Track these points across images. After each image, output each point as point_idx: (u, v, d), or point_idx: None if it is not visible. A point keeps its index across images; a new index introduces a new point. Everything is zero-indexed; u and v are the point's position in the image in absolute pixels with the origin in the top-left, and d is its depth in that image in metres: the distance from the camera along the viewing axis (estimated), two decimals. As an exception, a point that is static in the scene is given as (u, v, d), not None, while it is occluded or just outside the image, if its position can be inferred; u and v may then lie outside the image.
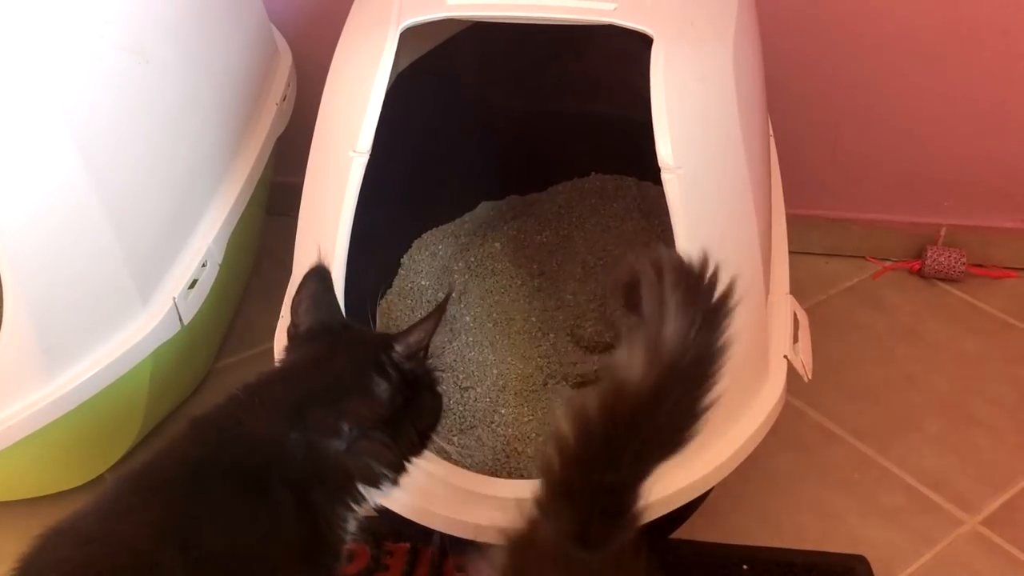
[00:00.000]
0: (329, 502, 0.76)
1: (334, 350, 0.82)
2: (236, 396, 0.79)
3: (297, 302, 0.85)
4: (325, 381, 0.79)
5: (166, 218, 1.16)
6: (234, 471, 0.73)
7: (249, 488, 0.72)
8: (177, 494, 0.71)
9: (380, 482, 0.80)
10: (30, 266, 1.00)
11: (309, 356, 0.82)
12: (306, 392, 0.78)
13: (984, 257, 1.55)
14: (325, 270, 0.87)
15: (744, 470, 1.00)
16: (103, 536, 0.69)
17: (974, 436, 1.27)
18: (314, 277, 0.86)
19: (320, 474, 0.76)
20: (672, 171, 0.88)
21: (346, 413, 0.78)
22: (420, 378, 0.83)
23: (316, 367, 0.81)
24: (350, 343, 0.83)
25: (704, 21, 0.97)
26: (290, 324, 0.86)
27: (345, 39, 1.02)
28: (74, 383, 1.05)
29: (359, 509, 0.79)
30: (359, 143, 0.93)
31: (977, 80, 1.44)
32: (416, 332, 0.82)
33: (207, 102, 1.24)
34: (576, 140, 1.44)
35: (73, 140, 1.01)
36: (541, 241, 1.39)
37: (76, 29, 1.04)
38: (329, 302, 0.87)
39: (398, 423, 0.80)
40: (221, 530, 0.70)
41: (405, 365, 0.81)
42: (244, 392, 0.79)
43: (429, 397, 0.85)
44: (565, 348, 1.22)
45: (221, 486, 0.72)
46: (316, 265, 0.87)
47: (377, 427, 0.79)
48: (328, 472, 0.76)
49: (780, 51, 1.36)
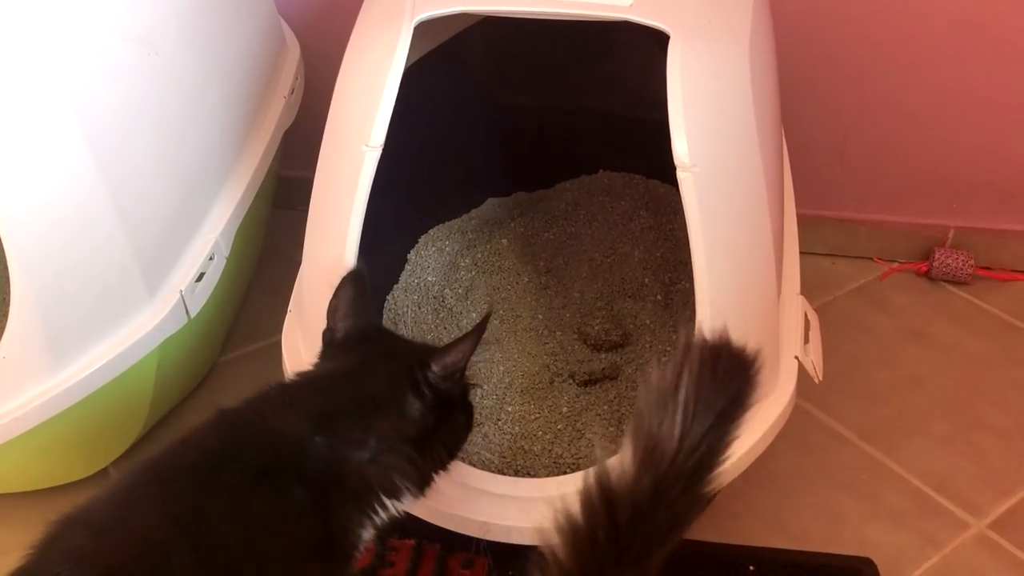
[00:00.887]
0: (345, 508, 0.76)
1: (371, 362, 0.81)
2: (267, 393, 0.79)
3: (334, 307, 0.85)
4: (358, 393, 0.79)
5: (173, 211, 1.15)
6: (252, 465, 0.72)
7: (265, 484, 0.72)
8: (191, 485, 0.71)
9: (402, 495, 0.79)
10: (37, 258, 1.00)
11: (345, 365, 0.82)
12: (338, 401, 0.78)
13: (992, 260, 1.54)
14: (362, 274, 0.87)
15: (751, 471, 0.99)
16: (115, 525, 0.69)
17: (981, 439, 1.27)
18: (351, 281, 0.85)
19: (340, 480, 0.75)
20: (688, 169, 0.88)
21: (375, 427, 0.77)
22: (454, 398, 0.83)
23: (351, 378, 0.81)
24: (387, 356, 0.83)
25: (720, 19, 0.97)
26: (326, 329, 0.85)
27: (358, 33, 1.01)
28: (80, 375, 1.04)
29: (377, 518, 0.78)
30: (372, 137, 0.92)
31: (986, 82, 1.44)
32: (454, 352, 0.81)
33: (215, 94, 1.24)
34: (584, 137, 1.43)
35: (81, 131, 1.01)
36: (548, 238, 1.38)
37: (86, 19, 1.03)
38: (365, 307, 0.86)
39: (427, 440, 0.80)
40: (234, 523, 0.70)
41: (441, 385, 0.81)
42: (276, 390, 0.79)
43: (461, 416, 0.85)
44: (572, 346, 1.22)
45: (237, 479, 0.72)
46: (353, 269, 0.87)
47: (405, 443, 0.78)
48: (348, 479, 0.76)
49: (789, 50, 1.36)
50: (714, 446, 0.64)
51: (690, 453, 0.63)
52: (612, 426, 1.10)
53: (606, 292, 1.29)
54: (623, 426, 1.10)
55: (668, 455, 0.63)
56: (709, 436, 0.64)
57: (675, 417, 0.63)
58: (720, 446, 0.65)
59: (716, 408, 0.64)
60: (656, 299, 1.26)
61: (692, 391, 0.64)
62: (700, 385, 0.64)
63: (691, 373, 0.64)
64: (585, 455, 1.06)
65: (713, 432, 0.64)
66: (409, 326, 1.23)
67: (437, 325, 1.24)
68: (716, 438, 0.64)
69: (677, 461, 0.63)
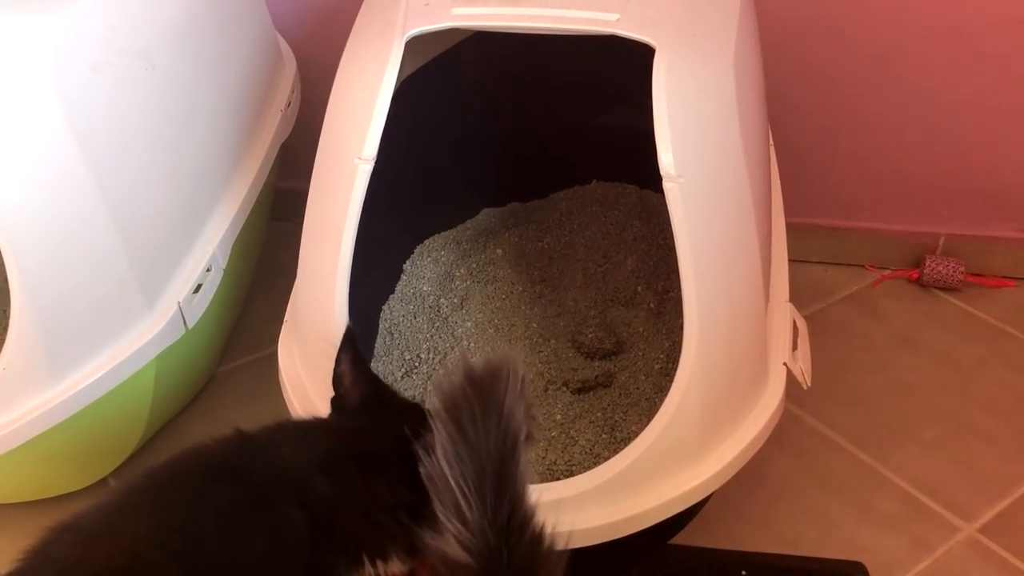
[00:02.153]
0: (333, 554, 0.75)
1: (386, 423, 0.81)
2: (285, 424, 0.80)
3: (340, 374, 0.85)
4: (371, 449, 0.79)
5: (171, 223, 1.16)
6: (253, 485, 0.73)
7: (262, 504, 0.72)
8: (186, 497, 0.72)
9: (388, 558, 0.78)
10: (37, 270, 1.01)
11: (362, 422, 0.82)
12: (346, 450, 0.78)
13: (982, 266, 1.56)
14: (353, 333, 0.87)
15: (742, 476, 1.00)
16: (103, 534, 0.69)
17: (971, 444, 1.28)
18: (347, 344, 0.85)
19: (333, 525, 0.75)
20: (673, 180, 0.89)
21: (378, 485, 0.77)
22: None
23: (365, 434, 0.81)
24: (394, 418, 0.82)
25: (706, 32, 0.98)
26: (335, 396, 0.86)
27: (351, 47, 1.03)
28: (79, 386, 1.05)
29: (359, 572, 0.77)
30: (364, 150, 0.94)
31: (976, 90, 1.45)
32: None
33: (212, 108, 1.25)
34: (578, 148, 1.45)
35: (79, 145, 1.02)
36: (542, 248, 1.40)
37: (84, 35, 1.05)
38: (367, 369, 0.86)
39: (427, 508, 0.76)
40: (223, 540, 0.70)
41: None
42: (293, 424, 0.80)
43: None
44: (566, 354, 1.23)
45: (234, 496, 0.72)
46: (345, 331, 0.87)
47: (403, 508, 0.77)
48: (340, 527, 0.75)
49: (779, 61, 1.38)
50: (513, 497, 0.62)
51: (505, 525, 0.61)
52: (605, 433, 1.11)
53: (599, 301, 1.30)
54: (616, 433, 1.11)
55: (490, 542, 0.62)
56: (505, 496, 0.61)
57: (464, 510, 0.61)
58: (515, 490, 0.62)
59: (490, 463, 0.62)
60: (649, 307, 1.28)
61: (458, 469, 0.61)
62: (460, 456, 0.61)
63: (447, 449, 0.62)
64: (579, 462, 1.07)
65: (503, 488, 0.62)
66: (405, 336, 1.25)
67: (432, 335, 1.25)
68: (509, 491, 0.62)
69: (501, 543, 0.62)
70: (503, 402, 0.63)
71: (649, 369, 1.19)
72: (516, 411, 0.63)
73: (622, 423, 1.12)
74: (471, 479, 0.62)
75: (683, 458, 0.96)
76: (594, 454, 1.08)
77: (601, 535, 0.95)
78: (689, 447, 0.96)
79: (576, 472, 1.02)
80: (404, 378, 1.19)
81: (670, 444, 0.94)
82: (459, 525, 0.63)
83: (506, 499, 0.62)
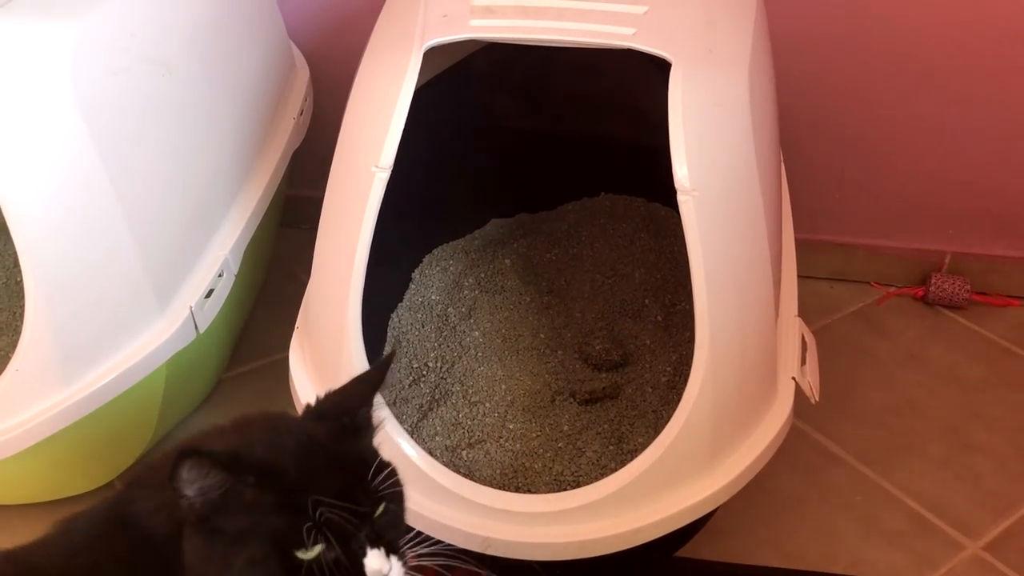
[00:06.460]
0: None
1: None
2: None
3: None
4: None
5: (185, 228, 1.17)
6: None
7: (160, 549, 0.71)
8: (98, 531, 0.73)
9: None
10: (52, 273, 1.02)
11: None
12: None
13: (988, 285, 1.56)
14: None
15: (747, 490, 1.01)
16: (20, 563, 0.71)
17: (976, 462, 1.29)
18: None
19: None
20: (688, 193, 0.90)
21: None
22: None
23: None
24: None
25: (721, 47, 0.99)
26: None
27: (369, 57, 1.04)
28: (91, 388, 1.06)
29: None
30: (382, 159, 0.95)
31: (983, 110, 1.46)
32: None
33: (227, 115, 1.26)
34: (587, 160, 1.45)
35: (95, 149, 1.03)
36: (550, 259, 1.40)
37: (102, 41, 1.06)
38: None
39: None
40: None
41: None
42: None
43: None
44: (573, 365, 1.24)
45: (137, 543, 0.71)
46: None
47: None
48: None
49: (789, 79, 1.38)
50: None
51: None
52: (612, 445, 1.12)
53: (607, 312, 1.31)
54: (623, 445, 1.11)
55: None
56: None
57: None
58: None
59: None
60: (656, 320, 1.28)
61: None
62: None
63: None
64: (585, 473, 1.07)
65: None
66: (413, 344, 1.25)
67: (440, 343, 1.26)
68: None
69: None
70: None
71: (656, 382, 1.19)
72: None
73: (629, 435, 1.13)
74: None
75: (691, 471, 0.96)
76: (600, 465, 1.08)
77: (607, 546, 0.95)
78: (697, 460, 0.96)
79: (583, 483, 1.03)
80: (412, 386, 1.20)
81: (679, 456, 0.95)
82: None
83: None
